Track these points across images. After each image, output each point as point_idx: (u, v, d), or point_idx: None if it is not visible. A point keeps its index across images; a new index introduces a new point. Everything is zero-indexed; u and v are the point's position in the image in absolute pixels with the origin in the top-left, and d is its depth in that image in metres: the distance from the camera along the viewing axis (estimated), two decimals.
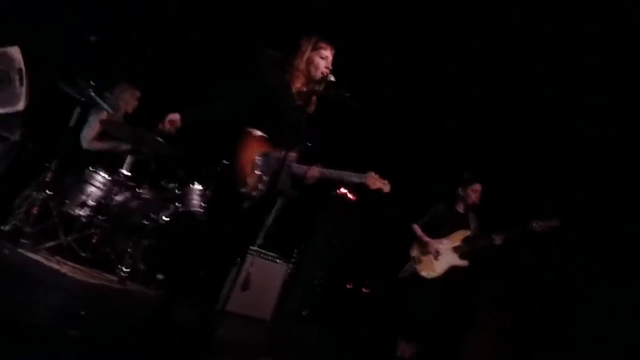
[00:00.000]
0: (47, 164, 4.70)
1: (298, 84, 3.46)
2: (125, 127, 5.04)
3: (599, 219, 5.29)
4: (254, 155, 3.28)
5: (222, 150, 3.34)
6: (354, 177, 3.54)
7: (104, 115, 5.09)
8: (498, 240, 5.09)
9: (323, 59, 3.45)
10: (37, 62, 4.59)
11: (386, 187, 3.57)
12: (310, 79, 3.46)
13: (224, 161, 3.30)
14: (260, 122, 3.34)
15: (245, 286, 5.12)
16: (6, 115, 4.49)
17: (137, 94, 5.43)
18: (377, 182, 3.54)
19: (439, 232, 5.41)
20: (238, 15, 6.25)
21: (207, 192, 5.26)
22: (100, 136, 5.21)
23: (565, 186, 5.58)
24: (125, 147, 5.19)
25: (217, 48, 6.38)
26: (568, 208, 5.11)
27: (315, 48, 3.46)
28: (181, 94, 6.16)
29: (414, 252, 5.41)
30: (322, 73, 3.43)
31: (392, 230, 6.21)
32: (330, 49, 3.48)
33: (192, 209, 5.16)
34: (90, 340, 2.78)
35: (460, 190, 5.53)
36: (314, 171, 3.43)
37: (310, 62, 3.45)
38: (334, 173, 3.47)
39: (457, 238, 5.34)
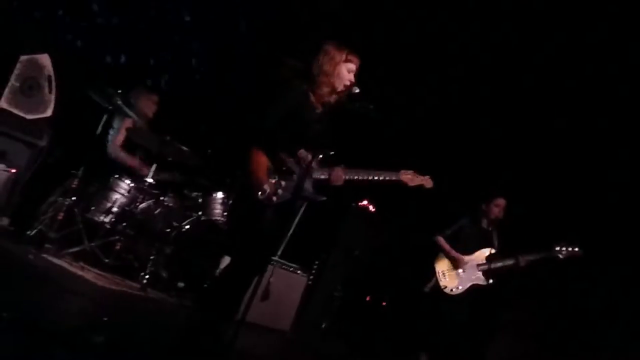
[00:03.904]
0: (73, 171, 4.75)
1: (320, 94, 3.34)
2: (151, 135, 5.08)
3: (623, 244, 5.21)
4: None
5: (241, 158, 3.28)
6: (387, 176, 3.35)
7: (129, 122, 5.13)
8: (522, 262, 5.07)
9: (348, 71, 3.33)
10: (67, 70, 4.66)
11: (428, 183, 3.38)
12: (333, 90, 3.34)
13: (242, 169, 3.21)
14: (282, 131, 3.25)
15: (265, 296, 5.11)
16: (34, 121, 4.56)
17: (155, 97, 5.44)
18: (415, 179, 3.36)
19: (463, 247, 5.35)
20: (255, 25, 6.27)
21: (230, 200, 5.26)
22: (125, 145, 5.22)
23: (589, 211, 5.50)
24: (146, 171, 5.12)
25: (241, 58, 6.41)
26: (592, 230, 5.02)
27: (341, 59, 3.31)
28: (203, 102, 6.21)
29: (440, 266, 5.34)
30: (345, 85, 3.32)
31: (413, 243, 6.16)
32: (356, 61, 3.35)
33: (214, 217, 5.18)
34: (111, 346, 2.79)
35: (483, 206, 5.46)
36: (338, 172, 3.29)
37: (334, 73, 3.30)
38: (361, 173, 3.30)
39: (482, 256, 5.28)
